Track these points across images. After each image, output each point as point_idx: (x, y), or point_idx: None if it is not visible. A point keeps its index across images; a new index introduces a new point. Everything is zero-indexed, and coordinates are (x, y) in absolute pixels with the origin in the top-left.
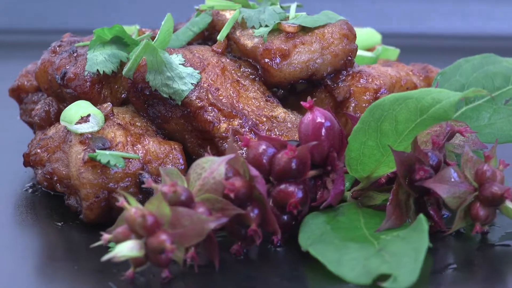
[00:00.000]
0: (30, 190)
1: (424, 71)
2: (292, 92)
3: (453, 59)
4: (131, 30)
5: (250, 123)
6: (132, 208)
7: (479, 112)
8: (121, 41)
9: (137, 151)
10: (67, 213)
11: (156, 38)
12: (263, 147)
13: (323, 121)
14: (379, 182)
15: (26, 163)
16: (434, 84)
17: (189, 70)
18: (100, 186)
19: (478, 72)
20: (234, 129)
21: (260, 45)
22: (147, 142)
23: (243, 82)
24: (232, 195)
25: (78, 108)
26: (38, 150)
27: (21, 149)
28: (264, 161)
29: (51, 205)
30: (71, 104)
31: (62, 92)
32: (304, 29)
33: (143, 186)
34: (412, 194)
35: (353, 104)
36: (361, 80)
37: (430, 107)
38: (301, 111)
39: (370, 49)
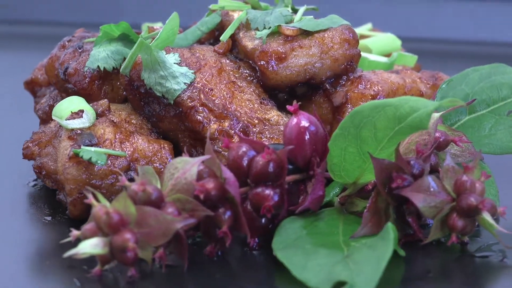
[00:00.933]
0: (32, 184)
1: (432, 78)
2: (293, 95)
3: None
4: (156, 26)
5: (240, 124)
6: (98, 205)
7: (481, 122)
8: (127, 38)
9: (125, 149)
10: (58, 208)
11: (157, 36)
12: (243, 149)
13: (307, 125)
14: (366, 188)
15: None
16: (438, 93)
17: (183, 69)
18: (84, 183)
19: (485, 82)
20: (223, 130)
21: (259, 47)
22: (136, 140)
23: (239, 83)
24: (201, 196)
25: (70, 104)
26: (30, 144)
27: None
28: (244, 163)
29: (46, 199)
30: (64, 99)
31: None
32: (305, 33)
33: (117, 184)
34: (390, 202)
35: (349, 109)
36: (359, 86)
37: (408, 116)
38: None
39: (388, 55)
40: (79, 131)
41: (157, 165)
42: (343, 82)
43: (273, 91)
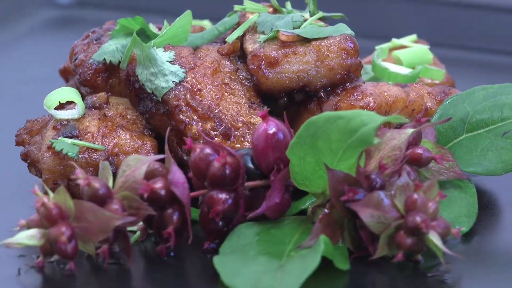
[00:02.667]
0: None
1: (442, 94)
2: (291, 102)
3: None
4: (204, 24)
5: (223, 127)
6: (39, 197)
7: (476, 141)
8: (144, 33)
9: (105, 143)
10: None
11: (162, 33)
12: (206, 151)
13: (272, 132)
14: None
15: None
16: (439, 109)
17: (175, 68)
18: (60, 174)
19: (489, 101)
20: (203, 131)
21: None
22: (119, 135)
23: (232, 85)
24: (145, 195)
25: (59, 94)
26: (22, 131)
27: None
28: (203, 165)
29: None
30: (56, 89)
31: None
32: (304, 40)
33: (74, 177)
34: (342, 215)
35: None
36: (351, 97)
37: (358, 129)
38: (298, 122)
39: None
40: (64, 122)
41: None
42: (339, 92)
43: (269, 96)
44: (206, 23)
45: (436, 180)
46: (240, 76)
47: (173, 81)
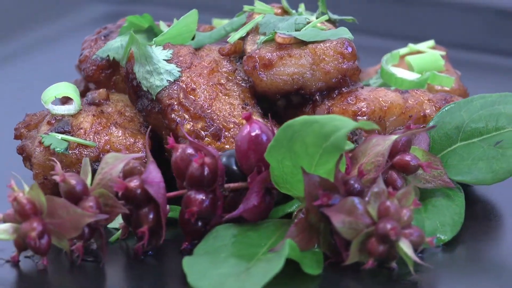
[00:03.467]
0: None
1: (443, 101)
2: (289, 104)
3: None
4: (221, 23)
5: (213, 127)
6: (13, 192)
7: (470, 150)
8: (152, 31)
9: (96, 140)
10: None
11: (165, 32)
12: (188, 151)
13: (255, 134)
14: None
15: None
16: (435, 116)
17: (170, 66)
18: (50, 169)
19: (486, 110)
20: (194, 130)
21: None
22: (112, 132)
23: (228, 86)
24: (119, 193)
25: (56, 89)
26: (20, 125)
27: None
28: (183, 165)
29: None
30: (53, 85)
31: None
32: (302, 42)
33: (52, 173)
34: (317, 219)
35: None
36: (345, 101)
37: (331, 134)
38: None
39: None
40: (59, 118)
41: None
42: (335, 96)
43: (265, 98)
44: (226, 21)
45: (412, 188)
46: (238, 77)
47: (167, 80)
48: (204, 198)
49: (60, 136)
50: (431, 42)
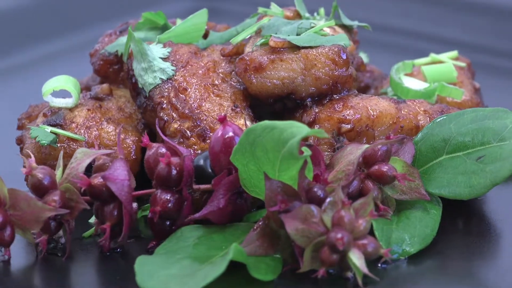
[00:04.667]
0: None
1: (439, 113)
2: (286, 108)
3: None
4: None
5: (200, 128)
6: None
7: (453, 164)
8: (166, 28)
9: (85, 134)
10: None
11: (171, 29)
12: (161, 150)
13: (227, 136)
14: None
15: None
16: (425, 128)
17: (165, 65)
18: (41, 160)
19: (475, 124)
20: (180, 130)
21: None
22: (103, 127)
23: (221, 87)
24: (82, 189)
25: (55, 82)
26: (23, 116)
27: None
28: (153, 164)
29: None
30: (54, 77)
31: None
32: (295, 47)
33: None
34: (278, 225)
35: (316, 128)
36: (332, 108)
37: (287, 141)
38: None
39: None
40: (56, 110)
41: (115, 154)
42: (325, 102)
43: (258, 101)
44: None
45: (371, 199)
46: (234, 79)
47: (160, 78)
48: (169, 198)
49: (50, 128)
50: (454, 53)
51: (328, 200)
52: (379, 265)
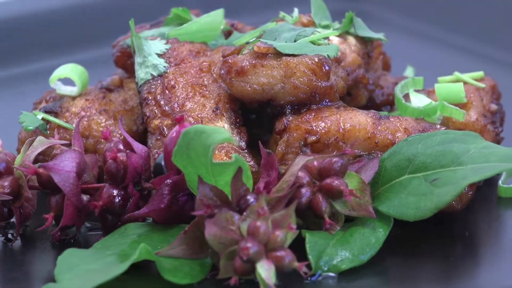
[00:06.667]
0: None
1: (420, 132)
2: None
3: None
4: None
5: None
6: None
7: (412, 183)
8: None
9: (79, 124)
10: None
11: (182, 26)
12: (119, 146)
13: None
14: None
15: None
16: (394, 146)
17: (159, 61)
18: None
19: (441, 146)
20: (160, 127)
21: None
22: (96, 118)
23: (210, 88)
24: (28, 176)
25: (63, 70)
26: (38, 101)
27: None
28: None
29: None
30: (63, 65)
31: None
32: (280, 54)
33: None
34: (203, 229)
35: (286, 137)
36: (304, 118)
37: (209, 147)
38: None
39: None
40: (58, 97)
41: (102, 146)
42: (303, 111)
43: (243, 104)
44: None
45: (292, 211)
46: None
47: (151, 74)
48: (113, 193)
49: (41, 115)
50: (480, 73)
51: (249, 208)
52: (309, 278)
